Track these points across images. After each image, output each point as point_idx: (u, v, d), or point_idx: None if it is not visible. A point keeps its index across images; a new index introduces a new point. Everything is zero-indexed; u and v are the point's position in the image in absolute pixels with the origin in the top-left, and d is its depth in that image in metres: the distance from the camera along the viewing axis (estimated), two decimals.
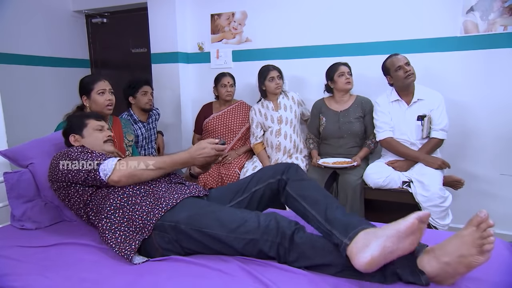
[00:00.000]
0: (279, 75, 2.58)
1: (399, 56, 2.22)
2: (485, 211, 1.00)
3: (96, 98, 1.96)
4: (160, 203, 1.31)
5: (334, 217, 1.18)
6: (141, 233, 1.26)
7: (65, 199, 1.48)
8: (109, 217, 1.33)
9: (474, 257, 1.00)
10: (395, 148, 2.26)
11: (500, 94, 2.33)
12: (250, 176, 1.52)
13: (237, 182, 1.56)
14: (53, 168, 1.46)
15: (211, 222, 1.22)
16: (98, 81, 1.98)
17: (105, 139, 1.61)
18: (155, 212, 1.28)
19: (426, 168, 2.14)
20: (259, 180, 1.45)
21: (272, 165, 1.51)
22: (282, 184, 1.39)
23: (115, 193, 1.37)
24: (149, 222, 1.26)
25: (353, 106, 2.46)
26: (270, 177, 1.42)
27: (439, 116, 2.18)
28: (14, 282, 1.12)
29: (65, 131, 1.64)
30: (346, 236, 1.10)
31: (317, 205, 1.25)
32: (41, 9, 3.40)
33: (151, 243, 1.26)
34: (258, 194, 1.44)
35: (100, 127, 1.63)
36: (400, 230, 1.01)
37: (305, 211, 1.27)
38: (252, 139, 2.73)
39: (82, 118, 1.65)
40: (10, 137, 2.03)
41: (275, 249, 1.16)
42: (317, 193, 1.31)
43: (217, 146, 1.44)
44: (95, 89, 1.96)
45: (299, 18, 2.82)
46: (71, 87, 3.52)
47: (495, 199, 2.41)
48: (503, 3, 2.25)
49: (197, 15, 3.16)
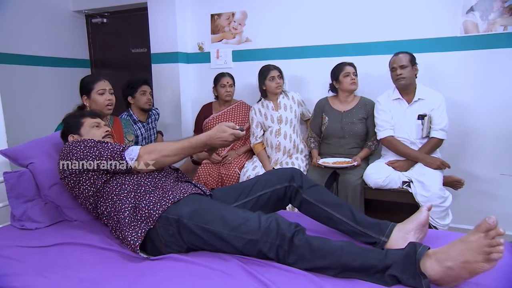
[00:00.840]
0: (280, 74, 2.58)
1: (400, 56, 2.21)
2: (494, 217, 0.98)
3: (96, 98, 1.97)
4: (167, 196, 1.33)
5: (362, 218, 1.32)
6: (146, 223, 1.28)
7: (75, 187, 1.47)
8: (117, 202, 1.35)
9: (480, 264, 0.98)
10: (396, 147, 2.26)
11: (500, 94, 2.33)
12: (253, 180, 1.53)
13: (240, 184, 1.58)
14: (73, 147, 1.45)
15: (213, 218, 1.23)
16: (98, 81, 1.99)
17: (103, 135, 1.62)
18: (162, 203, 1.29)
19: (426, 168, 2.14)
20: (265, 186, 1.47)
21: (275, 171, 1.54)
22: (292, 191, 1.43)
23: (129, 182, 1.40)
24: (154, 212, 1.28)
25: (356, 107, 2.46)
26: (276, 183, 1.45)
27: (440, 116, 2.18)
28: (14, 282, 1.12)
29: (63, 133, 1.64)
30: (383, 235, 1.27)
31: (340, 208, 1.35)
32: (41, 9, 3.40)
33: (155, 234, 1.28)
34: (264, 198, 1.46)
35: (96, 124, 1.64)
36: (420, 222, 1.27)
37: (329, 215, 1.36)
38: (252, 139, 2.73)
39: (78, 117, 1.66)
40: (10, 137, 2.03)
41: (274, 250, 1.16)
42: (332, 196, 1.41)
43: (236, 132, 1.44)
44: (95, 89, 1.97)
45: (299, 18, 2.82)
46: (71, 87, 3.53)
47: (495, 199, 2.41)
48: (503, 3, 2.25)
49: (197, 15, 3.16)
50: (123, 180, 1.41)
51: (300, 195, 1.42)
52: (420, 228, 1.28)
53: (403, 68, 2.18)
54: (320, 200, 1.38)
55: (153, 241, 1.29)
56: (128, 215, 1.31)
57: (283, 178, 1.45)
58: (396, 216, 1.50)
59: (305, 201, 1.41)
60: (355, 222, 1.31)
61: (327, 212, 1.35)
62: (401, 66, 2.18)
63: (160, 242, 1.28)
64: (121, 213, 1.32)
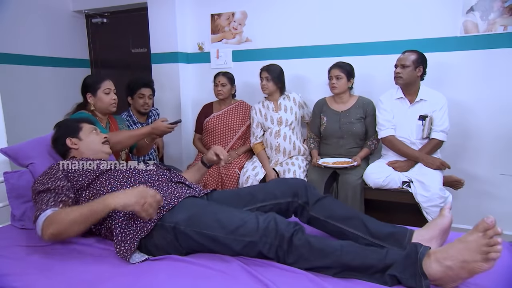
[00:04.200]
0: (269, 76, 2.54)
1: (405, 54, 2.19)
2: (493, 217, 0.99)
3: (102, 96, 2.00)
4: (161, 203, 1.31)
5: (376, 228, 1.27)
6: (140, 232, 1.26)
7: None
8: (112, 215, 1.32)
9: (478, 263, 0.99)
10: (396, 147, 2.26)
11: (500, 94, 2.33)
12: (255, 188, 1.50)
13: (241, 190, 1.54)
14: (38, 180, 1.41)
15: (210, 223, 1.22)
16: (104, 80, 2.03)
17: (103, 141, 1.62)
18: (156, 212, 1.27)
19: (426, 168, 2.14)
20: (266, 197, 1.43)
21: (278, 182, 1.49)
22: (297, 208, 1.40)
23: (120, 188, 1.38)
24: (149, 221, 1.26)
25: (354, 106, 2.46)
26: (279, 197, 1.41)
27: (441, 118, 2.18)
28: (14, 282, 1.12)
29: (58, 137, 1.61)
30: (401, 246, 1.21)
31: (352, 221, 1.30)
32: (41, 9, 3.40)
33: (152, 241, 1.26)
34: (264, 210, 1.41)
35: (95, 129, 1.65)
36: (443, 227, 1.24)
37: (341, 230, 1.31)
38: (252, 138, 2.73)
39: (75, 122, 1.66)
40: (10, 137, 2.03)
41: (274, 251, 1.16)
42: (342, 209, 1.36)
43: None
44: (102, 88, 2.00)
45: (299, 18, 2.81)
46: (71, 87, 3.54)
47: (495, 199, 2.41)
48: (503, 3, 2.25)
49: (197, 15, 3.16)
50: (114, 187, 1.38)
51: (307, 212, 1.38)
52: (443, 234, 1.24)
53: (404, 67, 2.17)
54: (330, 215, 1.33)
55: (148, 247, 1.27)
56: (121, 232, 1.27)
57: (287, 192, 1.41)
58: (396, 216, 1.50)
59: (314, 218, 1.36)
60: (370, 235, 1.26)
61: (339, 227, 1.31)
62: (402, 65, 2.18)
63: (157, 250, 1.26)
64: (112, 231, 1.29)
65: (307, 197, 1.39)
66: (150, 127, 1.91)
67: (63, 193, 1.33)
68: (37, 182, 1.40)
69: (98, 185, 1.41)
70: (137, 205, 1.17)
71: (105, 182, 1.41)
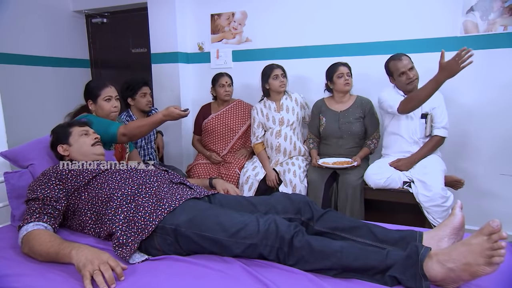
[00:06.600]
0: (283, 73, 2.58)
1: (404, 61, 2.17)
2: (498, 221, 0.98)
3: (102, 104, 1.97)
4: (162, 204, 1.31)
5: (384, 234, 1.26)
6: (141, 234, 1.26)
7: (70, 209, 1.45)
8: (112, 218, 1.32)
9: (481, 267, 0.98)
10: (412, 98, 2.05)
11: (499, 94, 2.33)
12: (257, 199, 1.48)
13: (243, 198, 1.52)
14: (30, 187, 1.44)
15: (211, 225, 1.21)
16: (105, 87, 1.99)
17: (92, 143, 1.61)
18: (158, 213, 1.27)
19: (428, 168, 2.13)
20: (268, 210, 1.40)
21: (282, 197, 1.46)
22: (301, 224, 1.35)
23: (116, 194, 1.37)
24: (150, 223, 1.26)
25: (353, 106, 2.46)
26: (280, 212, 1.39)
27: (441, 114, 2.18)
28: (14, 282, 1.12)
29: (52, 144, 1.63)
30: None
31: (359, 230, 1.29)
32: (41, 9, 3.40)
33: (152, 243, 1.26)
34: None
35: (85, 132, 1.63)
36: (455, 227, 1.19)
37: (350, 240, 1.28)
38: (252, 138, 2.73)
39: (66, 127, 1.65)
40: (10, 137, 2.03)
41: (274, 253, 1.16)
42: (347, 219, 1.35)
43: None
44: (102, 95, 1.97)
45: (299, 18, 2.81)
46: (71, 87, 3.56)
47: (495, 199, 2.41)
48: (503, 3, 2.25)
49: (197, 15, 3.16)
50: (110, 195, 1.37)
51: (312, 227, 1.36)
52: (455, 233, 1.19)
53: (412, 69, 2.17)
54: (335, 227, 1.32)
55: (148, 249, 1.27)
56: (122, 234, 1.27)
57: (289, 209, 1.39)
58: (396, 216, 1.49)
59: (320, 233, 1.34)
60: (379, 241, 1.24)
61: (347, 238, 1.29)
62: (410, 68, 2.16)
63: (157, 251, 1.26)
64: (113, 233, 1.29)
65: (312, 212, 1.37)
66: (161, 114, 1.90)
67: (50, 204, 1.36)
68: (29, 187, 1.42)
69: (96, 186, 1.41)
70: (86, 270, 1.07)
71: (104, 184, 1.41)
